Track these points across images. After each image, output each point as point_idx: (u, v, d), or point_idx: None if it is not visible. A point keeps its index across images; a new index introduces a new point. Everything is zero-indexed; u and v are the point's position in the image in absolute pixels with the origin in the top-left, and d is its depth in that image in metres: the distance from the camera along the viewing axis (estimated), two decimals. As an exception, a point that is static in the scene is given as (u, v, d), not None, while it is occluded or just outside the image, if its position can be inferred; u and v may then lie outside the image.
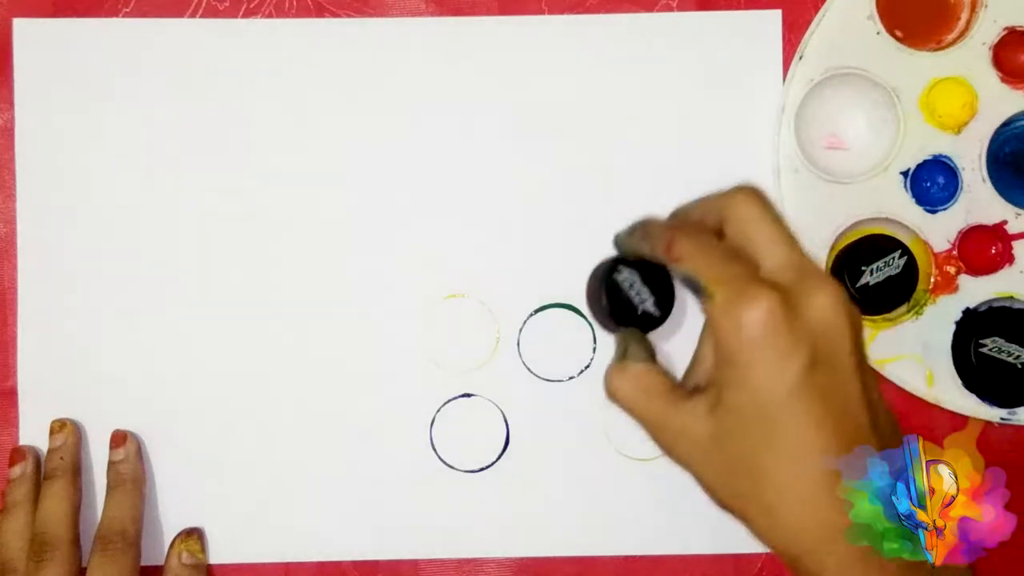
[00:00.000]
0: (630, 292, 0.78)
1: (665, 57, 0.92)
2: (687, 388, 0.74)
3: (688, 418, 0.72)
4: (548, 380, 0.93)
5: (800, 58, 0.88)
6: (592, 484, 0.93)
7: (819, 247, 0.89)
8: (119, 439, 0.92)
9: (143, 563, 0.91)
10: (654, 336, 0.77)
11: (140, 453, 0.92)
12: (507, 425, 0.93)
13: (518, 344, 0.93)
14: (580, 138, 0.92)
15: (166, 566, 0.91)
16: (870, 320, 0.89)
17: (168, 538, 0.93)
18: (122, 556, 0.88)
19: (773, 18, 0.92)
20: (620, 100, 0.92)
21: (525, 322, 0.93)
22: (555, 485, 0.93)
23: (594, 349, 0.93)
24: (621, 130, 0.92)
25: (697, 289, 0.71)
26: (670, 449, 0.74)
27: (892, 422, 0.74)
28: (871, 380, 0.71)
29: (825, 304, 0.69)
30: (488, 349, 0.93)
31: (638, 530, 0.93)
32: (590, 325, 0.92)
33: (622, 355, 0.77)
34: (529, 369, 0.93)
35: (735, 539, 0.91)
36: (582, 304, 0.90)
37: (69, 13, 0.93)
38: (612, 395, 0.76)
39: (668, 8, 0.92)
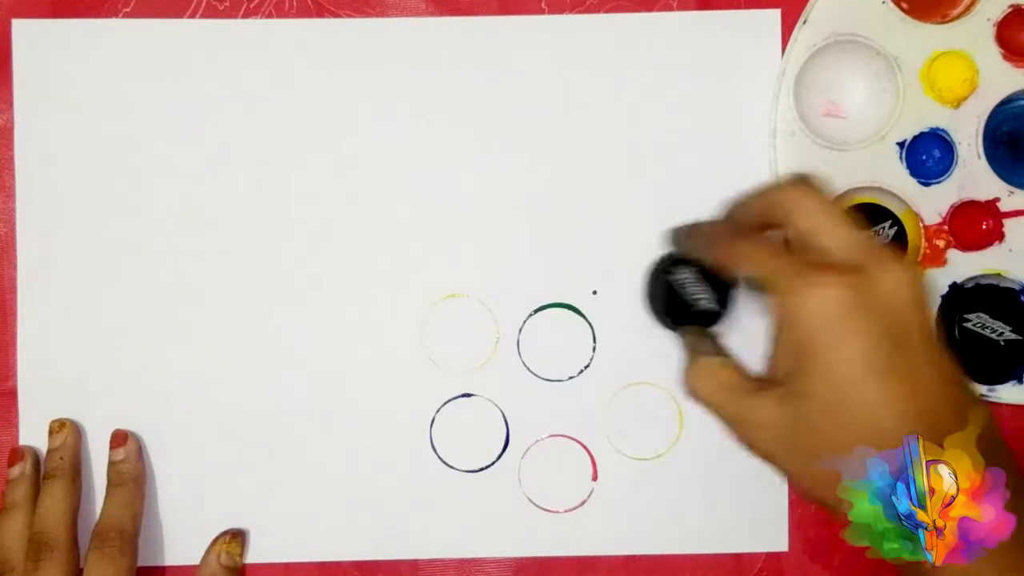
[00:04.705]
0: (684, 291, 0.80)
1: (665, 57, 0.92)
2: (763, 380, 0.76)
3: (766, 410, 0.74)
4: (548, 380, 0.93)
5: (804, 22, 0.88)
6: (592, 484, 0.93)
7: (811, 213, 0.89)
8: (120, 438, 0.92)
9: (140, 563, 0.91)
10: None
11: (141, 453, 0.93)
12: (507, 425, 0.93)
13: (518, 344, 0.93)
14: (580, 137, 0.93)
15: (204, 562, 0.92)
16: (856, 289, 0.88)
17: (165, 538, 0.94)
18: (119, 554, 0.88)
19: (772, 17, 0.92)
20: (619, 100, 0.93)
21: (525, 322, 0.93)
22: (555, 485, 0.93)
23: (594, 349, 0.93)
24: (621, 129, 0.93)
25: (762, 287, 0.73)
26: (751, 443, 0.76)
27: (968, 394, 0.75)
28: (942, 354, 0.73)
29: (896, 280, 0.70)
30: (488, 349, 0.93)
31: (638, 530, 0.93)
32: (589, 325, 0.93)
33: (692, 353, 0.81)
34: (529, 369, 0.93)
35: (735, 539, 0.93)
36: (581, 303, 0.92)
37: (69, 14, 0.93)
38: (692, 394, 0.79)
39: (668, 8, 0.92)
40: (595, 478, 0.93)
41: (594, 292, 0.93)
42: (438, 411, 0.93)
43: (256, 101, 0.93)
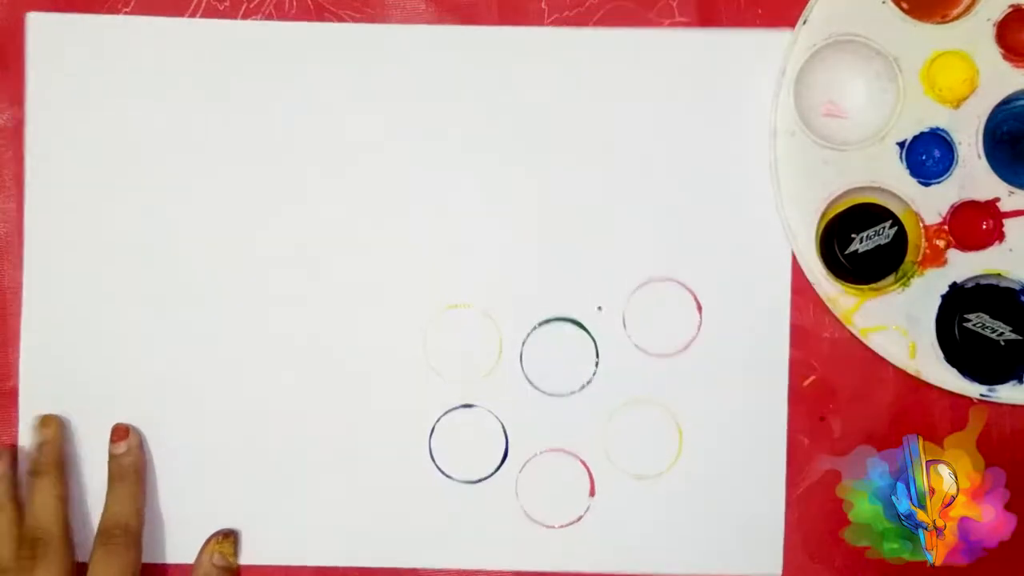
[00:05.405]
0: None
1: (670, 71, 0.92)
2: None
3: None
4: (549, 394, 0.93)
5: (804, 22, 0.88)
6: (589, 500, 0.93)
7: (811, 213, 0.89)
8: (121, 432, 0.92)
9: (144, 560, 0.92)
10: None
11: (142, 446, 0.93)
12: (506, 437, 0.93)
13: (521, 357, 0.93)
14: (587, 149, 0.93)
15: (197, 562, 0.92)
16: (857, 288, 0.89)
17: (167, 538, 0.94)
18: (125, 550, 0.89)
19: (783, 38, 0.91)
20: (624, 115, 0.93)
21: (529, 335, 0.93)
22: (552, 499, 0.93)
23: (596, 365, 0.93)
24: (624, 139, 0.93)
25: None
26: None
27: None
28: None
29: None
30: (491, 360, 0.93)
31: (634, 548, 0.94)
32: (593, 341, 0.93)
33: None
34: (530, 382, 0.93)
35: (730, 560, 0.93)
36: (586, 319, 0.92)
37: (67, 9, 0.93)
38: None
39: (668, 8, 0.92)
40: (592, 494, 0.93)
41: (599, 308, 0.93)
42: (438, 420, 0.93)
43: (265, 104, 0.93)
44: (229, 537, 0.92)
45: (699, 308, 0.92)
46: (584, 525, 0.93)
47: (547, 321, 0.93)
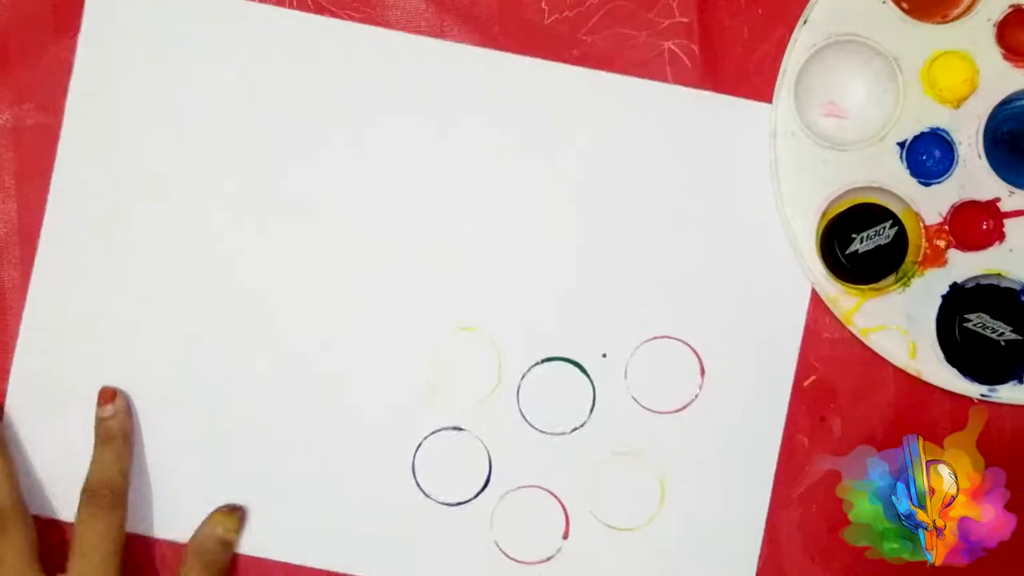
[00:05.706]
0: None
1: (675, 128, 0.93)
2: None
3: None
4: (540, 431, 0.93)
5: (804, 22, 0.88)
6: (562, 542, 0.93)
7: (811, 213, 0.89)
8: (108, 395, 0.92)
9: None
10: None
11: (129, 410, 0.92)
12: (490, 466, 0.93)
13: (518, 390, 0.93)
14: (612, 199, 0.93)
15: (197, 530, 0.91)
16: (857, 288, 0.89)
17: (164, 531, 0.93)
18: (110, 511, 0.89)
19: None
20: (635, 165, 0.93)
21: (530, 369, 0.93)
22: (525, 535, 0.93)
23: (591, 411, 0.93)
24: (642, 195, 0.92)
25: None
26: None
27: None
28: None
29: None
30: (488, 388, 0.93)
31: None
32: (592, 387, 0.93)
33: None
34: (524, 416, 0.93)
35: None
36: (589, 364, 0.92)
37: None
38: None
39: (668, 9, 0.92)
40: (566, 536, 0.93)
41: (604, 355, 0.93)
42: (426, 438, 0.93)
43: (273, 111, 0.93)
44: (236, 512, 0.92)
45: (702, 372, 0.92)
46: (553, 565, 0.92)
47: (550, 359, 0.93)
